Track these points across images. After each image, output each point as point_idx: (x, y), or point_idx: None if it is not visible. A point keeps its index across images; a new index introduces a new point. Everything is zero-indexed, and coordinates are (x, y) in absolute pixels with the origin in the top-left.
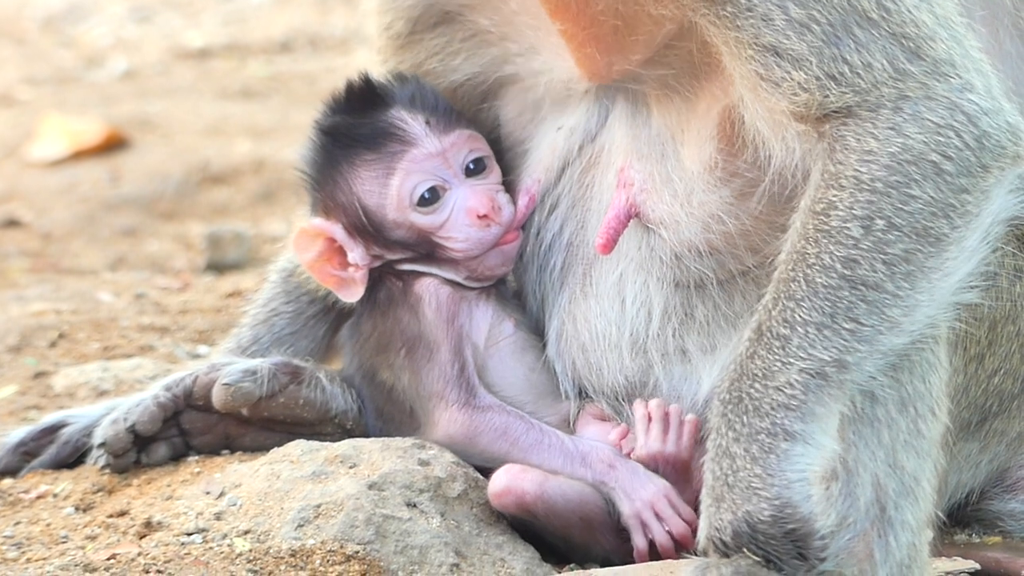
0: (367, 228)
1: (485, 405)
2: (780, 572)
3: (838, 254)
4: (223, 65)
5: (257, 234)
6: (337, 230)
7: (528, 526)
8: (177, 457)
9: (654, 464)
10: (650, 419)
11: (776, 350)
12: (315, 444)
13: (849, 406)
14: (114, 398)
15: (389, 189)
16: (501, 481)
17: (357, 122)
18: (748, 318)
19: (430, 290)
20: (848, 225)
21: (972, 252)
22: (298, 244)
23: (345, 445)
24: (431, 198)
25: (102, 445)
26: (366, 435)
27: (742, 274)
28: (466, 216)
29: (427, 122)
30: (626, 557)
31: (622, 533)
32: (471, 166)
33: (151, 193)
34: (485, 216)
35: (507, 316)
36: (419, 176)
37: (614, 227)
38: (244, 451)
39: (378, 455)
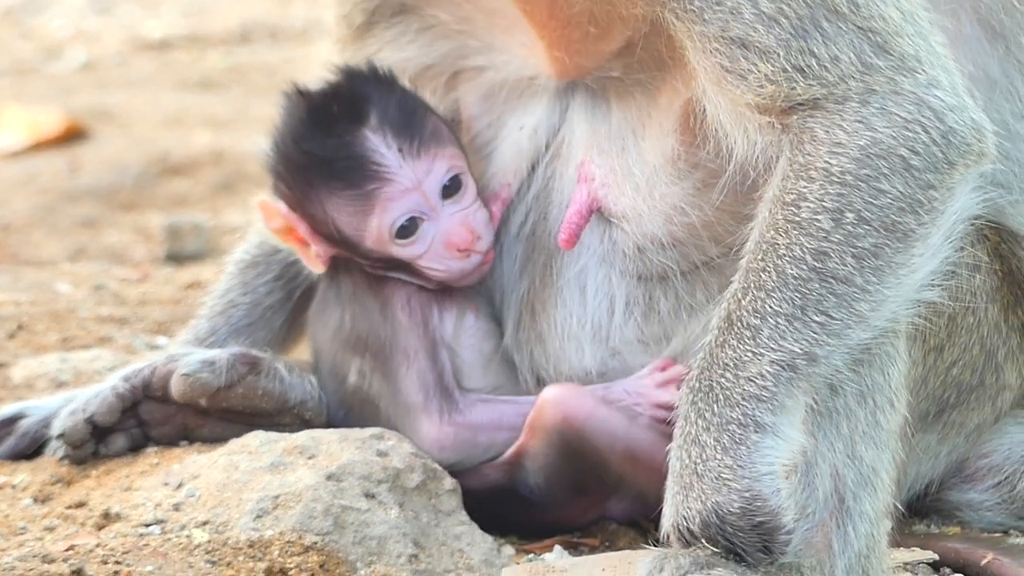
0: (338, 243)
1: (467, 405)
2: (740, 564)
3: (808, 246)
4: (182, 56)
5: (216, 225)
6: (302, 226)
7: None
8: (136, 448)
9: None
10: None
11: (747, 340)
12: (273, 435)
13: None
14: (73, 389)
15: (367, 225)
16: (554, 392)
17: (334, 154)
18: (711, 308)
19: (402, 296)
20: (819, 217)
21: (936, 250)
22: (263, 211)
23: (304, 436)
24: (410, 227)
25: (60, 436)
26: (324, 426)
27: (705, 265)
28: (445, 249)
29: (400, 149)
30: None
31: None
32: (447, 184)
33: (110, 184)
34: (465, 249)
35: (469, 307)
36: (397, 212)
37: (576, 222)
38: (203, 442)
39: (336, 446)
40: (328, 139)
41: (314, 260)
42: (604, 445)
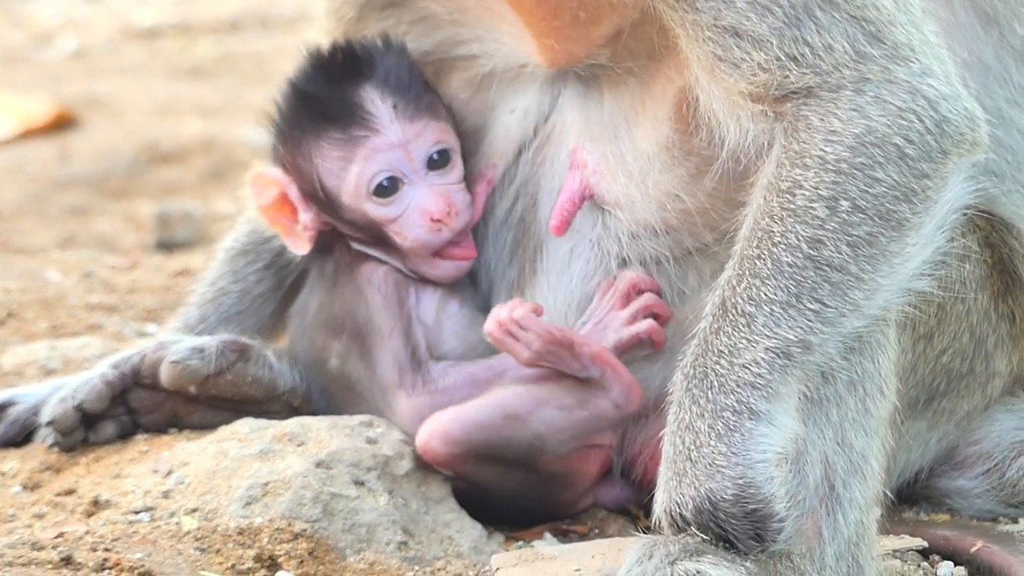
0: (321, 200)
1: (439, 372)
2: (730, 551)
3: (804, 234)
4: (173, 44)
5: (206, 213)
6: (292, 189)
7: (476, 480)
8: (125, 435)
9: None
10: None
11: (742, 327)
12: (263, 422)
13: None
14: (62, 377)
15: (348, 174)
16: (421, 435)
17: (329, 95)
18: (703, 294)
19: (378, 275)
20: (814, 205)
21: (929, 239)
22: (254, 186)
23: (293, 423)
24: (389, 187)
25: (50, 424)
26: (313, 413)
27: (698, 251)
28: (420, 216)
29: (395, 106)
30: (588, 420)
31: (562, 406)
32: (435, 157)
33: (100, 172)
34: (439, 220)
35: (452, 296)
36: (378, 165)
37: (568, 209)
38: (192, 429)
39: (326, 433)
40: (326, 83)
41: (301, 237)
42: (492, 430)
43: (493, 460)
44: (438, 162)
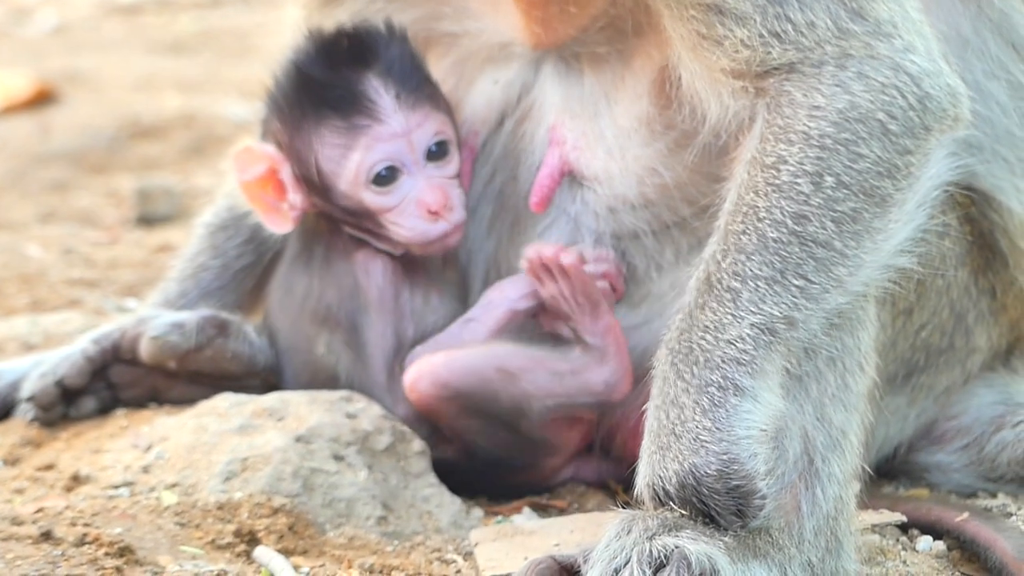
0: (315, 184)
1: (412, 357)
2: (709, 526)
3: (789, 209)
4: (153, 20)
5: (187, 188)
6: (285, 168)
7: (456, 428)
8: (105, 410)
9: (563, 305)
10: (541, 263)
11: (727, 303)
12: (242, 397)
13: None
14: (42, 352)
15: (348, 161)
16: (410, 377)
17: (332, 81)
18: (680, 267)
19: (376, 267)
20: (799, 181)
21: (911, 216)
22: (239, 161)
23: (272, 398)
24: (388, 176)
25: (30, 399)
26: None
27: (676, 225)
28: (416, 208)
29: (397, 96)
30: (569, 396)
31: (554, 372)
32: (433, 148)
33: (81, 147)
34: (436, 213)
35: (436, 289)
36: (379, 154)
37: (547, 185)
38: (172, 404)
39: (305, 408)
40: (330, 70)
41: (284, 217)
42: (480, 383)
43: (476, 412)
44: (436, 153)
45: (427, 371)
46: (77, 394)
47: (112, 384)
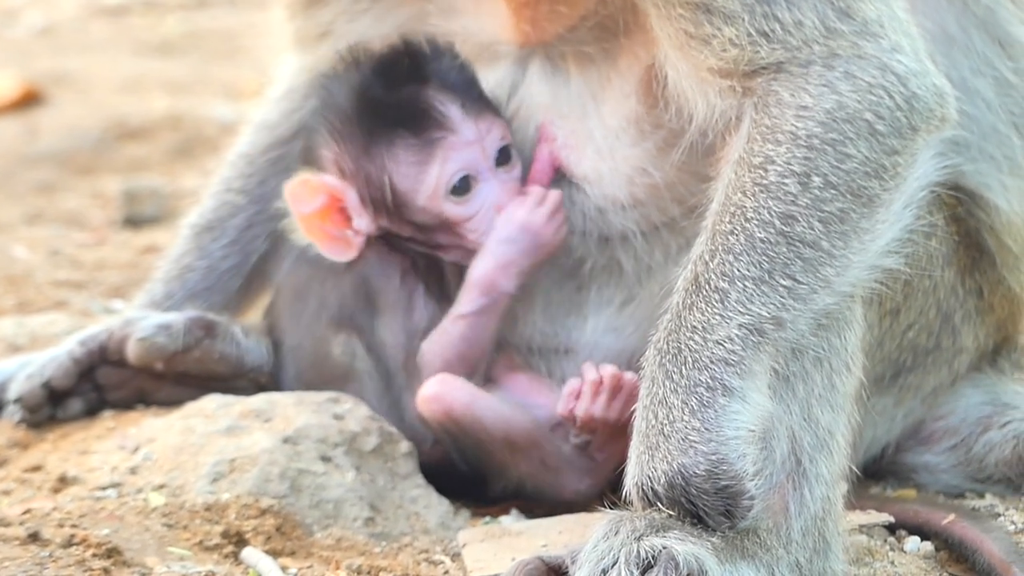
0: (387, 205)
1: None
2: (696, 527)
3: (776, 210)
4: (140, 21)
5: (173, 190)
6: (351, 195)
7: (451, 442)
8: (92, 412)
9: (592, 426)
10: (600, 384)
11: (715, 303)
12: (229, 398)
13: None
14: (29, 353)
15: (426, 176)
16: (432, 388)
17: (398, 100)
18: (669, 268)
19: (393, 268)
20: (786, 181)
21: (898, 216)
22: (296, 195)
23: (259, 399)
24: (462, 187)
25: (17, 400)
26: (280, 389)
27: (665, 225)
28: (495, 212)
29: (463, 106)
30: (540, 484)
31: (542, 461)
32: (500, 152)
33: (67, 148)
34: None
35: (430, 297)
36: (457, 164)
37: (540, 181)
38: (159, 406)
39: (292, 409)
40: (393, 89)
41: (349, 243)
42: (483, 434)
43: (468, 446)
44: (502, 158)
45: (446, 398)
46: (64, 395)
47: (99, 385)
